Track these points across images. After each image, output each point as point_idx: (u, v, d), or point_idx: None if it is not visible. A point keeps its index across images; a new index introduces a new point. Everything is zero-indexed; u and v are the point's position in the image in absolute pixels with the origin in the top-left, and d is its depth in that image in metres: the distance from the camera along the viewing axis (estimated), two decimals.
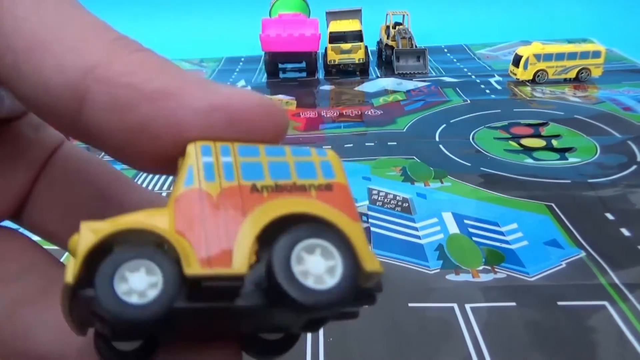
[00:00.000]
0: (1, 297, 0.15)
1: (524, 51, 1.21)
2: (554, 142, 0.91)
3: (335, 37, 1.35)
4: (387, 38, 1.44)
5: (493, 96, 1.16)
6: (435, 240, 0.64)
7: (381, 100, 1.18)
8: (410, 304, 0.54)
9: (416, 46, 1.39)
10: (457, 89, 1.22)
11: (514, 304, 0.53)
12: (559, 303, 0.53)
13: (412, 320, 0.52)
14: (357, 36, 1.35)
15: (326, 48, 1.35)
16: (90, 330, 0.13)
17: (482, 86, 1.23)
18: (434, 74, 1.35)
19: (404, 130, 1.00)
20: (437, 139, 0.95)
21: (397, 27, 1.45)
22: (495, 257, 0.60)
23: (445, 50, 1.55)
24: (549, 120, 1.00)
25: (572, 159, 0.84)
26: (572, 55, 1.20)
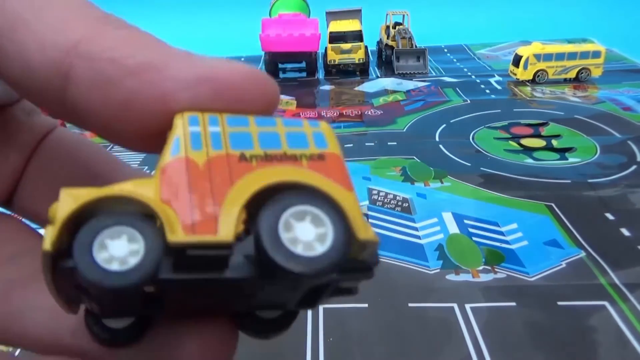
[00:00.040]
0: None
1: (524, 51, 1.21)
2: (554, 142, 0.91)
3: (335, 37, 1.35)
4: (387, 38, 1.44)
5: (493, 96, 1.16)
6: (435, 240, 0.64)
7: (381, 100, 1.18)
8: (410, 304, 0.54)
9: (416, 46, 1.39)
10: (457, 89, 1.22)
11: (514, 304, 0.53)
12: (559, 303, 0.53)
13: (412, 320, 0.52)
14: (357, 36, 1.35)
15: (326, 48, 1.35)
16: (81, 309, 0.13)
17: (482, 86, 1.23)
18: (434, 74, 1.35)
19: (404, 130, 1.00)
20: (437, 139, 0.95)
21: (397, 27, 1.45)
22: (495, 257, 0.60)
23: (445, 50, 1.55)
24: (549, 120, 1.00)
25: (572, 159, 0.84)
26: (572, 55, 1.20)
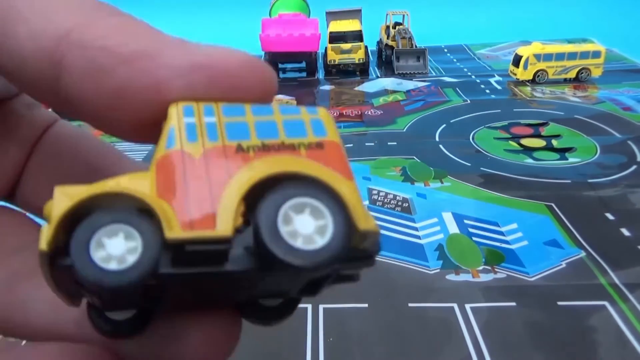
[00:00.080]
0: None
1: (524, 51, 1.21)
2: (554, 142, 0.91)
3: (335, 37, 1.35)
4: (387, 38, 1.44)
5: (493, 96, 1.16)
6: (435, 240, 0.64)
7: (381, 100, 1.18)
8: (410, 304, 0.54)
9: (416, 46, 1.39)
10: (457, 89, 1.22)
11: (514, 304, 0.53)
12: (559, 303, 0.53)
13: (412, 320, 0.52)
14: (357, 36, 1.35)
15: (326, 48, 1.35)
16: (84, 302, 0.13)
17: (482, 86, 1.23)
18: (434, 74, 1.35)
19: (404, 130, 1.00)
20: (437, 139, 0.95)
21: (397, 27, 1.45)
22: (495, 257, 0.60)
23: (445, 50, 1.55)
24: (549, 120, 1.00)
25: (572, 159, 0.84)
26: (572, 55, 1.20)
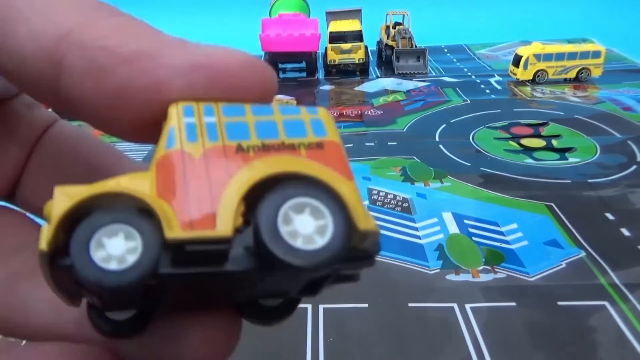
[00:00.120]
0: None
1: (524, 51, 1.21)
2: (554, 142, 0.91)
3: (335, 37, 1.35)
4: (387, 38, 1.44)
5: (493, 96, 1.16)
6: (435, 240, 0.64)
7: (381, 100, 1.18)
8: (410, 304, 0.54)
9: (416, 46, 1.39)
10: (457, 89, 1.22)
11: (514, 304, 0.53)
12: (559, 303, 0.53)
13: (412, 320, 0.52)
14: (357, 36, 1.35)
15: (326, 48, 1.35)
16: (84, 302, 0.13)
17: (482, 86, 1.23)
18: (434, 74, 1.35)
19: (404, 130, 1.00)
20: (437, 139, 0.95)
21: (397, 27, 1.45)
22: (495, 257, 0.60)
23: (445, 50, 1.55)
24: (549, 120, 1.00)
25: (572, 159, 0.84)
26: (572, 55, 1.20)
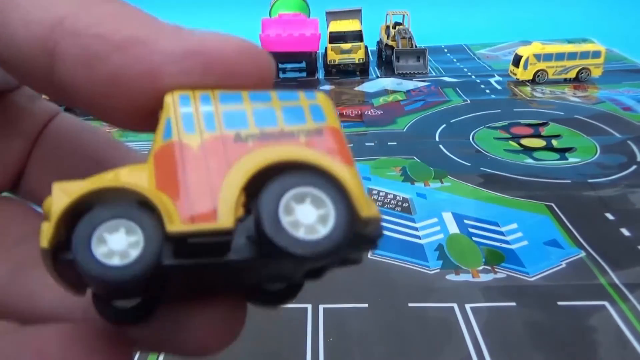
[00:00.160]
0: (5, 261, 0.15)
1: (524, 51, 1.21)
2: (554, 142, 0.91)
3: (335, 37, 1.35)
4: (387, 38, 1.44)
5: (493, 96, 1.16)
6: (435, 240, 0.64)
7: (381, 100, 1.18)
8: (410, 304, 0.54)
9: (416, 46, 1.39)
10: (457, 89, 1.22)
11: (514, 304, 0.53)
12: (559, 303, 0.53)
13: (412, 320, 0.52)
14: (357, 36, 1.35)
15: (326, 48, 1.35)
16: (89, 290, 0.13)
17: (482, 86, 1.23)
18: (434, 74, 1.35)
19: (404, 130, 1.00)
20: (437, 139, 0.95)
21: (397, 27, 1.45)
22: (495, 257, 0.60)
23: (445, 50, 1.55)
24: (549, 120, 1.00)
25: (572, 159, 0.84)
26: (572, 55, 1.20)
